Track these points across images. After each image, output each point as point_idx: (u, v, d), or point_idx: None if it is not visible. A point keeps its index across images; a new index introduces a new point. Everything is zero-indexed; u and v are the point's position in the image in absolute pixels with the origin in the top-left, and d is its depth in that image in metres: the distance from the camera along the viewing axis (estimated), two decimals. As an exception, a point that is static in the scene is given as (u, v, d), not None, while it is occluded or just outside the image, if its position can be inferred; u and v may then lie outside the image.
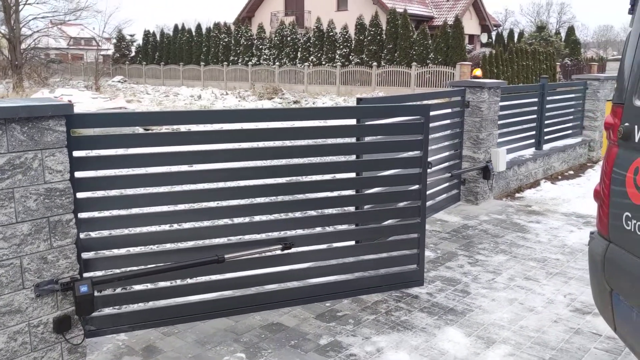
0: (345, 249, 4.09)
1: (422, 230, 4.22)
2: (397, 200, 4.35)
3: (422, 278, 4.33)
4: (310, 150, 3.93)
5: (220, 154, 3.53)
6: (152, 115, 3.69)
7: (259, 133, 3.57)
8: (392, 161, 4.36)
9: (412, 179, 4.23)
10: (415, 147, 4.19)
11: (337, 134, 3.98)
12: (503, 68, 26.86)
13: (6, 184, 2.80)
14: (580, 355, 3.36)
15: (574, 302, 4.12)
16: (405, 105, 4.62)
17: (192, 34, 41.12)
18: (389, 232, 4.46)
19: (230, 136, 3.50)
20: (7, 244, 2.84)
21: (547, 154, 8.70)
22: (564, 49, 36.87)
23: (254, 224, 3.80)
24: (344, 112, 4.28)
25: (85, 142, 3.15)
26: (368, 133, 4.35)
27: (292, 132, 3.80)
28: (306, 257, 3.98)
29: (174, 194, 3.60)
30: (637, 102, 2.49)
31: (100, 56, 41.17)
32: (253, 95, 28.46)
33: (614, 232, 2.61)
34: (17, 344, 2.94)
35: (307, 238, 3.95)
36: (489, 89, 6.65)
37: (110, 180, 3.37)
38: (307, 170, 3.94)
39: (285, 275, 3.87)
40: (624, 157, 2.54)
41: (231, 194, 3.68)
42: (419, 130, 4.10)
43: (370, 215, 4.35)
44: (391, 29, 30.01)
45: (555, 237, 5.66)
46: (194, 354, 3.35)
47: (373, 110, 4.55)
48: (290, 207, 3.86)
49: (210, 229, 3.74)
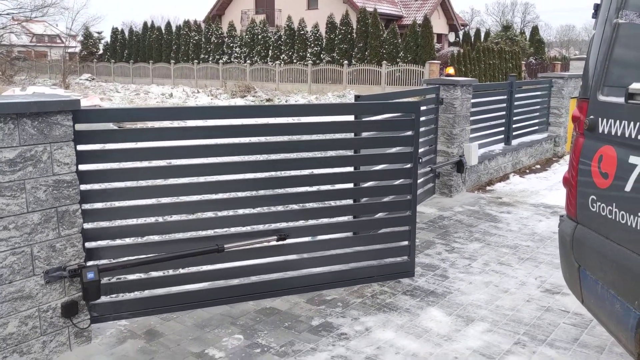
0: (338, 240, 4.26)
1: (413, 223, 4.40)
2: (389, 194, 4.57)
3: (413, 269, 4.51)
4: (310, 144, 4.06)
5: (220, 148, 3.74)
6: (157, 112, 3.83)
7: (260, 128, 3.82)
8: (384, 156, 4.65)
9: (404, 173, 4.44)
10: (407, 142, 4.38)
11: (336, 130, 4.16)
12: (471, 67, 27.53)
13: (18, 176, 2.95)
14: (551, 330, 3.68)
15: (544, 284, 4.44)
16: (399, 102, 4.83)
17: (161, 32, 40.77)
18: (380, 224, 4.60)
19: (230, 131, 3.71)
20: (19, 233, 2.99)
21: (515, 149, 9.10)
22: (529, 48, 37.89)
23: (250, 215, 3.97)
24: (344, 108, 4.55)
25: (89, 136, 3.31)
26: (365, 129, 4.62)
27: (294, 127, 3.98)
28: (301, 248, 4.18)
29: (174, 187, 3.75)
30: (601, 97, 2.79)
31: (67, 54, 40.40)
32: (225, 94, 28.46)
33: (581, 214, 2.91)
34: (28, 328, 3.09)
35: (302, 230, 4.16)
36: (462, 86, 6.97)
37: (113, 173, 3.53)
38: (305, 164, 4.09)
39: (281, 265, 4.08)
40: (589, 146, 2.84)
41: (230, 187, 3.86)
42: (410, 126, 4.30)
43: (362, 208, 4.62)
44: (362, 27, 30.38)
45: (525, 225, 6.01)
46: (194, 336, 3.55)
47: (370, 107, 4.74)
48: (286, 200, 4.09)
49: (210, 220, 3.90)
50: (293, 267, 4.18)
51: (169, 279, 3.82)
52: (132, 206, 3.60)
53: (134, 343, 3.45)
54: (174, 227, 3.79)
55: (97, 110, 3.32)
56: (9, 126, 2.88)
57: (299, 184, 4.07)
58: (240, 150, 3.83)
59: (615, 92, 2.68)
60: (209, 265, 3.86)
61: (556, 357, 3.34)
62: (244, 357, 3.30)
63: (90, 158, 3.37)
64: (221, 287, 3.91)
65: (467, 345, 3.47)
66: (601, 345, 3.47)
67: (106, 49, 44.98)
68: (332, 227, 4.27)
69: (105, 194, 3.52)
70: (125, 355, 3.31)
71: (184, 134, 3.59)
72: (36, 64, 44.57)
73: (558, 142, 10.57)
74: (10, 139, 2.90)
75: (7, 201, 2.92)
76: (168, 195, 3.80)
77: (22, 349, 3.07)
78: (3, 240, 2.93)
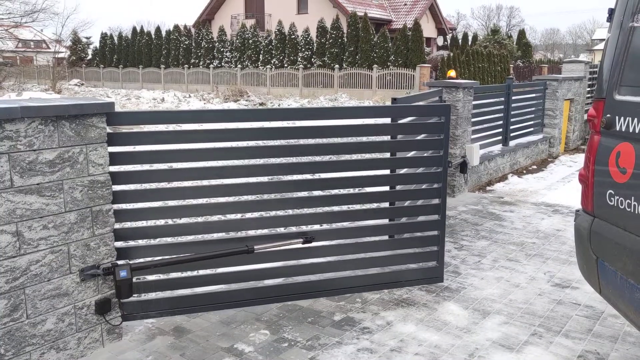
0: (366, 244, 4.22)
1: (442, 228, 4.32)
2: (418, 198, 4.53)
3: (442, 275, 4.43)
4: (344, 147, 4.03)
5: (252, 151, 3.80)
6: (186, 114, 3.88)
7: (298, 131, 3.87)
8: (415, 159, 4.66)
9: (433, 177, 4.40)
10: (437, 146, 4.32)
11: (373, 132, 4.16)
12: (461, 70, 27.80)
13: (57, 176, 3.04)
14: (565, 321, 3.82)
15: (553, 279, 4.59)
16: (430, 105, 4.85)
17: (151, 37, 40.70)
18: (408, 229, 4.52)
19: (266, 134, 3.81)
20: (57, 232, 3.08)
21: (513, 150, 9.29)
22: (517, 52, 38.36)
23: (277, 218, 3.94)
24: (381, 111, 4.46)
25: (120, 138, 3.40)
26: (399, 132, 4.66)
27: (332, 130, 3.95)
28: (328, 252, 4.14)
29: (204, 188, 3.77)
30: (618, 97, 2.94)
31: (55, 59, 40.19)
32: (217, 98, 28.51)
33: (598, 208, 3.05)
34: (65, 324, 3.17)
35: (330, 233, 4.20)
36: (464, 88, 7.14)
37: (143, 175, 3.61)
38: (338, 167, 4.10)
39: (308, 268, 4.07)
40: (606, 143, 2.99)
41: (257, 189, 3.86)
42: (440, 129, 4.22)
43: (390, 212, 4.49)
44: (352, 32, 30.59)
45: (529, 223, 6.18)
46: (221, 332, 3.64)
47: (406, 110, 4.69)
48: (315, 203, 4.12)
49: (238, 222, 3.98)
50: (319, 270, 4.14)
51: (198, 279, 3.87)
52: (160, 207, 3.68)
53: (164, 339, 3.54)
54: (202, 228, 3.79)
55: (129, 112, 3.41)
56: (49, 128, 2.97)
57: (329, 186, 4.12)
58: (272, 153, 3.85)
59: (631, 91, 2.83)
60: (238, 266, 3.87)
61: (573, 346, 3.48)
62: (272, 351, 3.41)
63: (122, 159, 3.45)
64: (248, 288, 3.94)
65: (486, 336, 3.60)
66: (614, 335, 3.62)
67: (95, 54, 44.80)
68: (359, 231, 4.27)
69: (135, 195, 3.59)
70: (157, 351, 3.39)
71: (214, 137, 3.62)
72: (23, 69, 44.29)
73: (553, 143, 10.78)
74: (50, 141, 2.99)
75: (47, 201, 3.00)
76: (197, 197, 3.83)
77: (58, 345, 3.15)
78: (43, 239, 3.01)
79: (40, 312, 3.05)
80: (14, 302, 2.93)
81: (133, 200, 3.58)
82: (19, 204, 2.89)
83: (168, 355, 3.35)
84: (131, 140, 3.50)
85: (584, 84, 12.04)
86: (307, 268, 4.07)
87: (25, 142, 2.89)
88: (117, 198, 3.45)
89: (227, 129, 3.61)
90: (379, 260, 4.26)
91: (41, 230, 3.00)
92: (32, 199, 2.95)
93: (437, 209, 4.32)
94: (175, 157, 3.60)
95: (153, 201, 3.65)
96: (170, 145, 3.61)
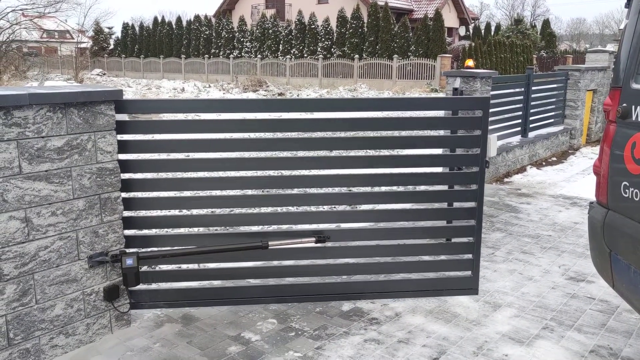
0: (391, 247, 3.88)
1: (478, 234, 3.87)
2: (452, 200, 4.12)
3: (477, 286, 3.97)
4: (395, 141, 3.77)
5: (264, 143, 3.62)
6: (193, 103, 3.79)
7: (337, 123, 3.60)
8: (447, 158, 4.20)
9: (469, 178, 3.91)
10: (473, 143, 3.84)
11: (427, 126, 3.76)
12: (482, 60, 27.47)
13: (65, 163, 3.06)
14: (578, 316, 3.75)
15: (568, 272, 4.51)
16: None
17: (172, 27, 40.93)
18: (439, 233, 4.15)
19: (278, 125, 3.62)
20: (66, 219, 3.10)
21: (532, 141, 9.13)
22: (540, 42, 37.73)
23: (291, 214, 3.86)
24: (442, 103, 4.09)
25: (129, 127, 3.39)
26: (430, 127, 3.87)
27: (387, 123, 3.73)
28: (348, 253, 3.86)
29: (221, 180, 3.68)
30: (634, 85, 2.85)
31: (78, 49, 40.66)
32: (236, 88, 28.57)
33: (612, 200, 2.97)
34: (73, 310, 3.20)
35: (350, 233, 3.86)
36: (481, 78, 7.01)
37: (152, 164, 3.61)
38: (374, 162, 3.82)
39: (324, 269, 3.85)
40: (621, 134, 2.90)
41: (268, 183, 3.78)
42: (477, 125, 3.75)
43: (420, 214, 3.97)
44: (372, 21, 30.37)
45: (546, 216, 6.07)
46: (229, 320, 3.65)
47: (468, 101, 4.39)
48: (334, 200, 3.87)
49: (252, 216, 3.74)
50: (339, 272, 3.92)
51: (211, 272, 3.83)
52: (172, 197, 3.63)
53: (172, 327, 3.56)
54: (214, 221, 3.75)
55: (138, 100, 3.41)
56: (58, 115, 2.99)
57: (349, 184, 3.76)
58: (281, 146, 3.64)
59: (648, 80, 2.74)
60: (255, 261, 3.79)
61: (585, 341, 3.41)
62: (279, 340, 3.40)
63: (131, 148, 3.45)
64: (259, 285, 3.84)
65: (496, 329, 3.55)
66: (629, 330, 3.54)
67: (117, 44, 45.24)
68: (385, 233, 3.89)
69: (145, 184, 3.60)
70: (164, 338, 3.41)
71: (236, 127, 3.53)
72: (47, 59, 44.91)
73: (574, 134, 10.58)
74: (59, 128, 3.00)
75: (55, 188, 3.02)
76: (209, 188, 3.76)
77: (67, 331, 3.19)
78: (51, 226, 3.04)
79: (49, 298, 3.08)
80: (23, 287, 2.97)
81: (144, 189, 3.58)
82: (27, 190, 2.92)
83: (175, 342, 3.36)
84: (139, 129, 3.49)
85: (607, 74, 11.77)
86: (326, 268, 3.84)
87: (33, 129, 2.91)
88: (129, 186, 3.46)
89: (244, 119, 3.51)
90: (405, 266, 3.94)
91: (50, 216, 3.03)
92: (41, 185, 2.97)
93: (472, 214, 3.86)
94: (187, 147, 3.53)
95: (165, 191, 3.64)
96: (181, 135, 3.56)
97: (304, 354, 3.25)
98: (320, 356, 3.23)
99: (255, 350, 3.28)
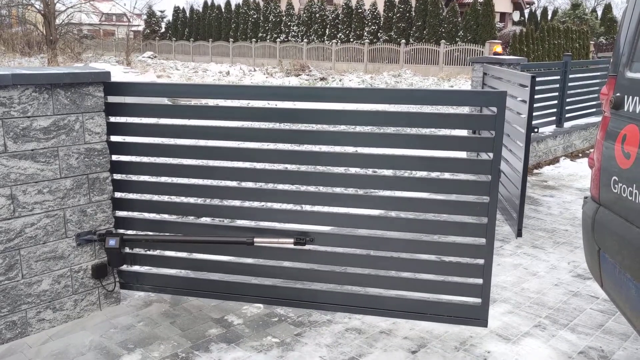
0: (385, 260, 3.36)
1: (490, 256, 3.18)
2: (456, 214, 3.30)
3: (486, 317, 3.27)
4: (413, 140, 3.19)
5: (258, 132, 3.42)
6: (183, 88, 3.80)
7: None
8: (450, 163, 3.23)
9: (479, 188, 3.18)
10: (484, 147, 3.18)
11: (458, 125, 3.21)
12: (533, 47, 26.45)
13: (51, 143, 3.13)
14: (575, 315, 3.59)
15: (576, 269, 4.32)
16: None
17: (221, 11, 41.32)
18: (442, 250, 3.35)
19: (260, 114, 3.46)
20: (53, 197, 3.18)
21: (567, 131, 8.76)
22: (599, 28, 36.00)
23: (277, 211, 3.49)
24: (447, 97, 3.32)
25: (119, 109, 3.44)
26: (434, 125, 3.29)
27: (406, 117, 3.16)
28: (336, 260, 3.42)
29: (211, 168, 3.54)
30: (628, 73, 2.67)
31: (131, 32, 41.72)
32: (280, 72, 28.67)
33: (603, 195, 2.81)
34: (60, 286, 3.30)
35: (341, 238, 3.42)
36: (508, 65, 6.76)
37: (143, 148, 3.62)
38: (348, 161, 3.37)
39: (308, 274, 3.50)
40: (614, 125, 2.73)
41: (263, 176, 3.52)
42: (489, 125, 3.07)
43: (423, 225, 3.32)
44: (420, 5, 29.74)
45: (567, 210, 5.82)
46: (217, 303, 3.68)
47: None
48: (319, 201, 3.39)
49: (242, 210, 3.54)
50: (338, 281, 3.45)
51: (198, 263, 3.75)
52: (164, 183, 3.63)
53: (159, 307, 3.62)
54: (205, 211, 3.75)
55: (125, 83, 3.45)
56: (44, 96, 3.05)
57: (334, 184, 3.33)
58: (272, 137, 3.40)
59: (642, 68, 2.56)
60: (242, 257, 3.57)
61: (575, 341, 3.26)
62: (261, 325, 3.41)
63: (122, 130, 3.50)
64: (253, 284, 3.59)
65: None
66: (626, 332, 3.37)
67: (168, 28, 46.06)
68: (379, 243, 3.35)
69: (136, 167, 3.64)
70: (149, 317, 3.48)
71: (241, 115, 3.47)
72: (103, 42, 46.24)
73: (616, 125, 10.08)
74: (45, 108, 3.07)
75: (41, 167, 3.11)
76: (203, 177, 3.56)
77: (54, 306, 3.29)
78: (38, 204, 3.13)
79: (35, 273, 3.18)
80: (9, 262, 3.07)
81: (133, 172, 3.63)
82: (12, 168, 3.01)
83: (159, 322, 3.42)
84: (132, 112, 3.51)
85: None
86: (310, 274, 3.49)
87: (19, 108, 2.98)
88: (120, 168, 3.51)
89: (239, 107, 3.39)
90: (401, 283, 3.41)
91: (36, 194, 3.11)
92: (27, 164, 3.05)
93: (482, 231, 3.19)
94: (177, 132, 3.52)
95: (158, 175, 3.67)
96: (172, 119, 3.55)
97: (282, 340, 3.25)
98: (297, 343, 3.22)
99: (234, 334, 3.30)
